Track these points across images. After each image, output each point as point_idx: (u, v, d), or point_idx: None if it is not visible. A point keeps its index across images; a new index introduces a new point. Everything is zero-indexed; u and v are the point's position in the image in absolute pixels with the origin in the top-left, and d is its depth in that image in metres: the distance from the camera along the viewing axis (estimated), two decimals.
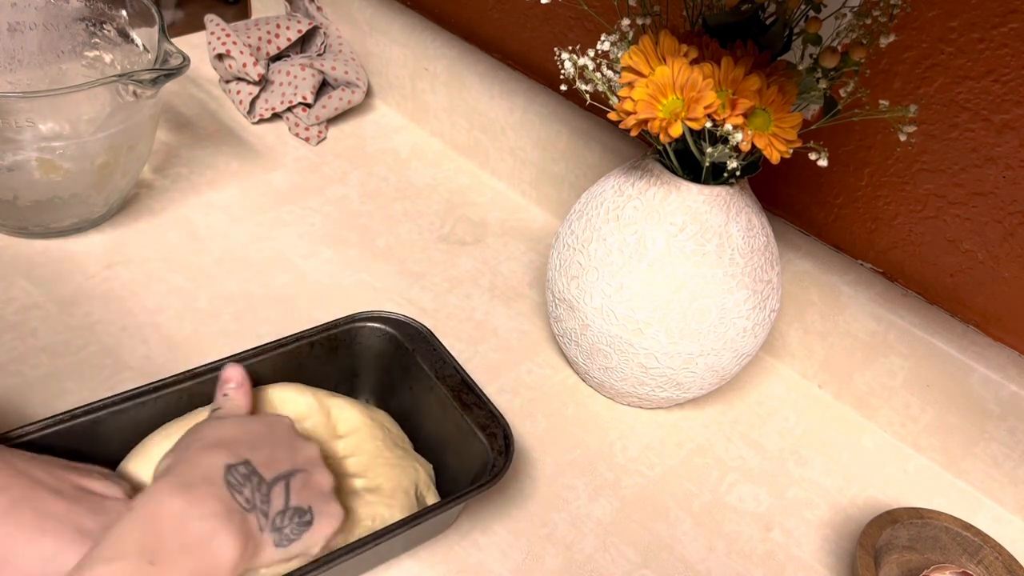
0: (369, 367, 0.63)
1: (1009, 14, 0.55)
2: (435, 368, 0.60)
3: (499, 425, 0.56)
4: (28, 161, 0.68)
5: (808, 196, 0.71)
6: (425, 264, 0.80)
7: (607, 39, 0.55)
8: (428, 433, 0.61)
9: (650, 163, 0.60)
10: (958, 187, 0.62)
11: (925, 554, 0.60)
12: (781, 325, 0.73)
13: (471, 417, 0.57)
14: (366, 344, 0.62)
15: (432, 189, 0.89)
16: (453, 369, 0.60)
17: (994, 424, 0.64)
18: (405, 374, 0.62)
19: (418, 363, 0.60)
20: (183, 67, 0.69)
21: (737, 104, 0.51)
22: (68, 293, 0.70)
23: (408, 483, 0.56)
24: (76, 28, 0.79)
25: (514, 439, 0.56)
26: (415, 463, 0.58)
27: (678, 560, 0.59)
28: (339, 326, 0.61)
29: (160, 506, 0.42)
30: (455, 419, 0.58)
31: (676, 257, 0.59)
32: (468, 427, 0.57)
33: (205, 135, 0.90)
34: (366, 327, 0.62)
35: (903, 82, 0.62)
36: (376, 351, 0.62)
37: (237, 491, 0.44)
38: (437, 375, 0.59)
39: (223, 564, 0.41)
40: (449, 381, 0.59)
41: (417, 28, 0.92)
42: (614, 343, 0.62)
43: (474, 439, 0.56)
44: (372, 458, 0.56)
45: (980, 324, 0.65)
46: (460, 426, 0.57)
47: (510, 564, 0.57)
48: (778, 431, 0.70)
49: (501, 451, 0.55)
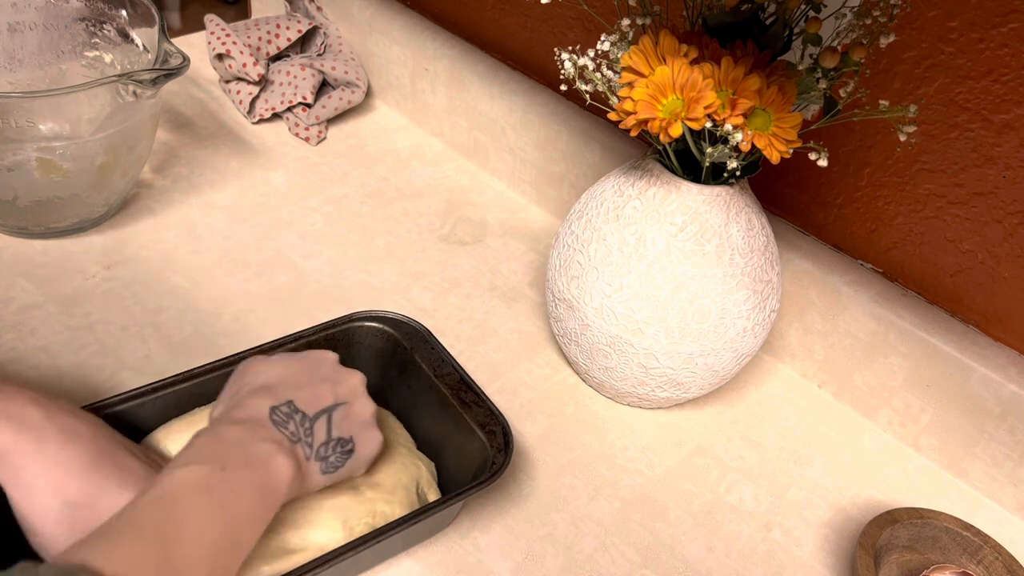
0: (368, 366, 0.63)
1: (1009, 14, 0.55)
2: (433, 367, 0.60)
3: (498, 423, 0.57)
4: (28, 161, 0.68)
5: (808, 196, 0.71)
6: (425, 264, 0.80)
7: (607, 39, 0.55)
8: (427, 432, 0.61)
9: (650, 163, 0.60)
10: (958, 187, 0.62)
11: (925, 554, 0.60)
12: (781, 325, 0.73)
13: (470, 415, 0.57)
14: (365, 343, 0.63)
15: (432, 189, 0.89)
16: (452, 368, 0.60)
17: (994, 424, 0.64)
18: (403, 373, 0.62)
19: (416, 362, 0.60)
20: (183, 67, 0.69)
21: (737, 104, 0.51)
22: (68, 293, 0.70)
23: (409, 480, 0.56)
24: (76, 28, 0.79)
25: (513, 436, 0.56)
26: (417, 461, 0.58)
27: (678, 560, 0.59)
28: (337, 325, 0.61)
29: (223, 433, 0.46)
30: (454, 417, 0.58)
31: (676, 257, 0.59)
32: (467, 425, 0.57)
33: (205, 135, 0.90)
34: (364, 326, 0.62)
35: (903, 82, 0.62)
36: (375, 350, 0.63)
37: (282, 427, 0.48)
38: (436, 374, 0.59)
39: (281, 480, 0.46)
40: (448, 380, 0.59)
41: (417, 28, 0.92)
42: (614, 343, 0.62)
43: (473, 437, 0.56)
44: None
45: (980, 324, 0.65)
46: (459, 424, 0.57)
47: (510, 564, 0.57)
48: (778, 431, 0.70)
49: (500, 448, 0.55)
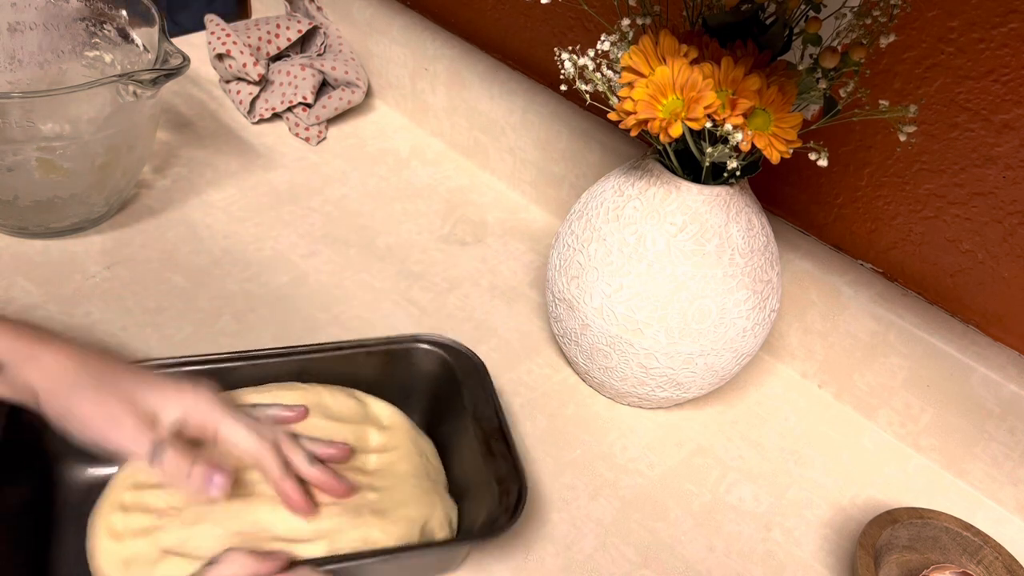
0: (421, 390, 0.61)
1: (1009, 14, 0.55)
2: (476, 406, 0.58)
3: (517, 480, 0.54)
4: (28, 161, 0.68)
5: (808, 196, 0.71)
6: (425, 264, 0.80)
7: (607, 39, 0.55)
8: (458, 472, 0.59)
9: (650, 163, 0.60)
10: (958, 187, 0.62)
11: (925, 554, 0.60)
12: (781, 325, 0.73)
13: (492, 466, 0.55)
14: (421, 366, 0.61)
15: (432, 189, 0.89)
16: (493, 412, 0.58)
17: (994, 424, 0.64)
18: (450, 406, 0.60)
19: (462, 397, 0.59)
20: (183, 67, 0.69)
21: (737, 104, 0.51)
22: (68, 293, 0.70)
23: (417, 515, 0.54)
24: (76, 28, 0.79)
25: (527, 497, 0.53)
26: (436, 499, 0.56)
27: (678, 560, 0.59)
28: (397, 342, 0.61)
29: None
30: (477, 464, 0.56)
31: (676, 257, 0.59)
32: (485, 476, 0.55)
33: (205, 135, 0.90)
34: (423, 349, 0.61)
35: (903, 82, 0.62)
36: (430, 375, 0.61)
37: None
38: (475, 414, 0.58)
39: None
40: (485, 423, 0.57)
41: (417, 28, 0.92)
42: (614, 343, 0.62)
43: (489, 489, 0.54)
44: (398, 480, 0.55)
45: (980, 324, 0.65)
46: (480, 473, 0.55)
47: (510, 564, 0.57)
48: (778, 431, 0.70)
49: (509, 508, 0.52)
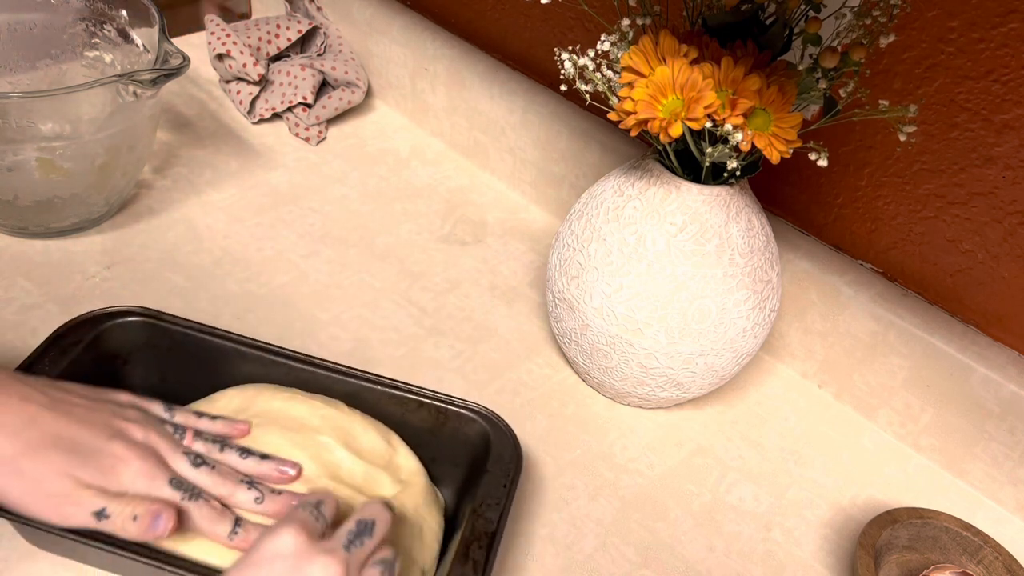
0: (458, 454, 0.58)
1: (1009, 14, 0.55)
2: (484, 498, 0.53)
3: None
4: (28, 161, 0.68)
5: (808, 196, 0.71)
6: (425, 264, 0.80)
7: (607, 39, 0.55)
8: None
9: (650, 163, 0.60)
10: (958, 187, 0.62)
11: (925, 554, 0.60)
12: (781, 325, 0.73)
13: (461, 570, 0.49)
14: (465, 432, 0.58)
15: (432, 189, 0.89)
16: (498, 514, 0.52)
17: (994, 424, 0.64)
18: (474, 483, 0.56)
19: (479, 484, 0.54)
20: (183, 67, 0.69)
21: (737, 104, 0.51)
22: (68, 293, 0.70)
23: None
24: (76, 28, 0.79)
25: None
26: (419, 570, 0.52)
27: (678, 560, 0.59)
28: (452, 404, 0.58)
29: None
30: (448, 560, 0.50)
31: (676, 257, 0.59)
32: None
33: (205, 135, 0.90)
34: (468, 417, 0.58)
35: (903, 82, 0.62)
36: (469, 446, 0.58)
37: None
38: (476, 506, 0.52)
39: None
40: (479, 522, 0.51)
41: (417, 28, 0.92)
42: (614, 343, 0.62)
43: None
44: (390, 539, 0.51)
45: (980, 324, 0.65)
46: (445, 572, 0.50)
47: (510, 564, 0.57)
48: (778, 431, 0.70)
49: None
